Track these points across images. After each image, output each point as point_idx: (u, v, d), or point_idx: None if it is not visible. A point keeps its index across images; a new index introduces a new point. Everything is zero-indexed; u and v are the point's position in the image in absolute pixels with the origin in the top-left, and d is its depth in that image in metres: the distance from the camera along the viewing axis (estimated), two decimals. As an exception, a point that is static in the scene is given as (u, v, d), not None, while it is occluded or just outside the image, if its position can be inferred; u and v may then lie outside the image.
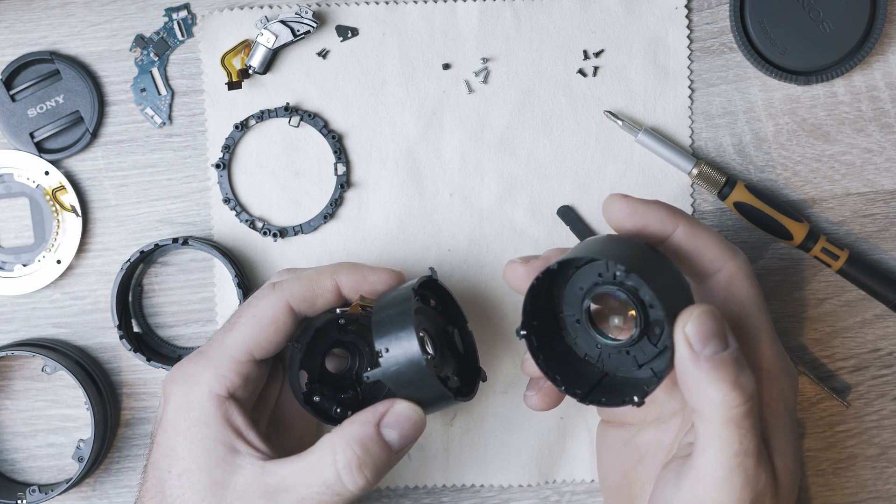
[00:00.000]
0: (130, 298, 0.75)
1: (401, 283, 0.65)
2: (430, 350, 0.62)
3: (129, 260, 0.72)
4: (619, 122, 0.74)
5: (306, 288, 0.65)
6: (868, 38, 0.73)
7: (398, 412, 0.62)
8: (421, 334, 0.62)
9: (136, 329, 0.75)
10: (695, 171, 0.73)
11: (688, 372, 0.56)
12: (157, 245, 0.72)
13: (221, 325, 0.69)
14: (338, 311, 0.65)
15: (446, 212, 0.75)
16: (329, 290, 0.65)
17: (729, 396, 0.55)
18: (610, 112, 0.74)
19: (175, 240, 0.72)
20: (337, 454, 0.61)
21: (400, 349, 0.61)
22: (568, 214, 0.74)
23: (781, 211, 0.73)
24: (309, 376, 0.66)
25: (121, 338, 0.73)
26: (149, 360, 0.73)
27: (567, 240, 0.74)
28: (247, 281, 0.74)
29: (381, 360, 0.61)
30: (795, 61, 0.73)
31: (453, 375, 0.66)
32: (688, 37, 0.74)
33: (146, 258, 0.74)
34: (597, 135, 0.74)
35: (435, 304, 0.67)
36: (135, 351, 0.73)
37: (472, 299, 0.75)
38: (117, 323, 0.73)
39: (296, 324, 0.65)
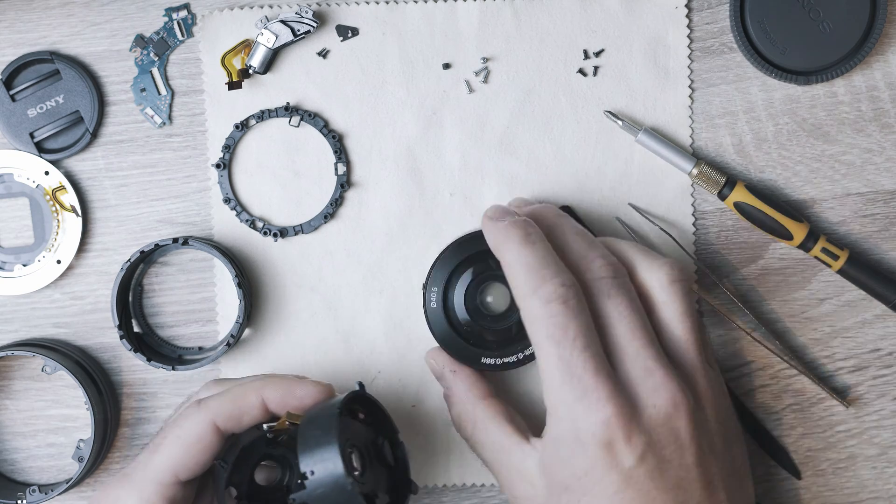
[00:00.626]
0: (131, 298, 0.75)
1: (330, 397, 0.64)
2: (357, 467, 0.61)
3: (129, 260, 0.72)
4: (619, 122, 0.74)
5: (232, 406, 0.63)
6: (868, 38, 0.73)
7: None
8: (349, 449, 0.61)
9: (136, 329, 0.75)
10: (695, 171, 0.73)
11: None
12: (157, 245, 0.72)
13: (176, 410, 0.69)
14: (265, 427, 0.63)
15: (447, 211, 0.75)
16: (255, 406, 0.64)
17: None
18: (610, 112, 0.74)
19: (175, 240, 0.72)
20: None
21: (325, 471, 0.59)
22: (568, 215, 0.74)
23: (781, 211, 0.73)
24: (238, 492, 0.64)
25: (121, 338, 0.72)
26: (149, 360, 0.73)
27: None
28: (247, 281, 0.74)
29: (306, 482, 0.59)
30: (795, 61, 0.73)
31: (383, 493, 0.64)
32: (688, 36, 0.74)
33: (146, 258, 0.74)
34: (597, 134, 0.74)
35: (364, 416, 0.65)
36: (135, 351, 0.73)
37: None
38: (117, 323, 0.72)
39: (222, 441, 0.64)
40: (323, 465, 0.59)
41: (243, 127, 0.74)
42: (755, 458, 0.76)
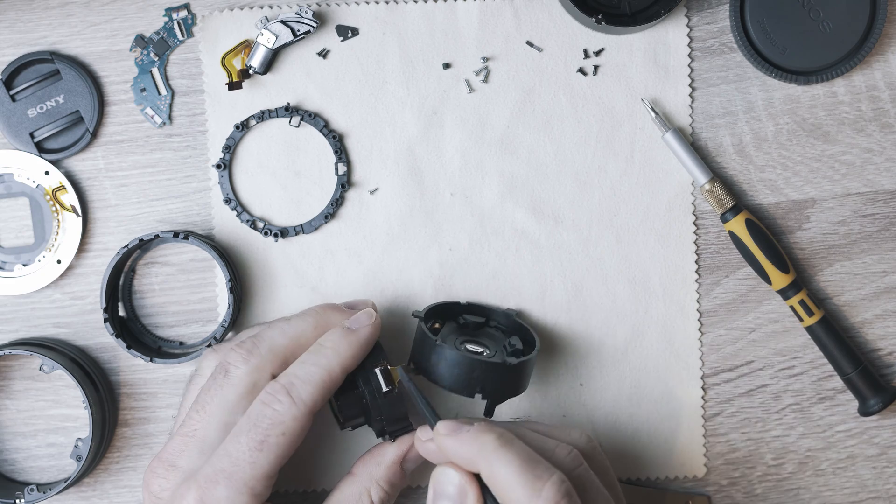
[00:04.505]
0: (122, 282, 0.75)
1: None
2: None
3: (126, 246, 0.72)
4: (653, 115, 0.74)
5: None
6: (868, 38, 0.73)
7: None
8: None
9: (121, 313, 0.75)
10: (706, 187, 0.73)
11: None
12: (157, 235, 0.72)
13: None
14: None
15: (447, 211, 0.75)
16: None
17: None
18: (646, 101, 0.74)
19: (176, 234, 0.72)
20: None
21: None
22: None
23: (772, 256, 0.73)
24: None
25: (105, 321, 0.72)
26: (129, 347, 0.72)
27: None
28: (239, 285, 0.74)
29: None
30: (795, 61, 0.73)
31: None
32: (688, 35, 0.75)
33: (144, 246, 0.74)
34: (597, 133, 0.75)
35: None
36: (116, 336, 0.72)
37: (473, 298, 0.75)
38: (104, 305, 0.72)
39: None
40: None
41: (243, 127, 0.74)
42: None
